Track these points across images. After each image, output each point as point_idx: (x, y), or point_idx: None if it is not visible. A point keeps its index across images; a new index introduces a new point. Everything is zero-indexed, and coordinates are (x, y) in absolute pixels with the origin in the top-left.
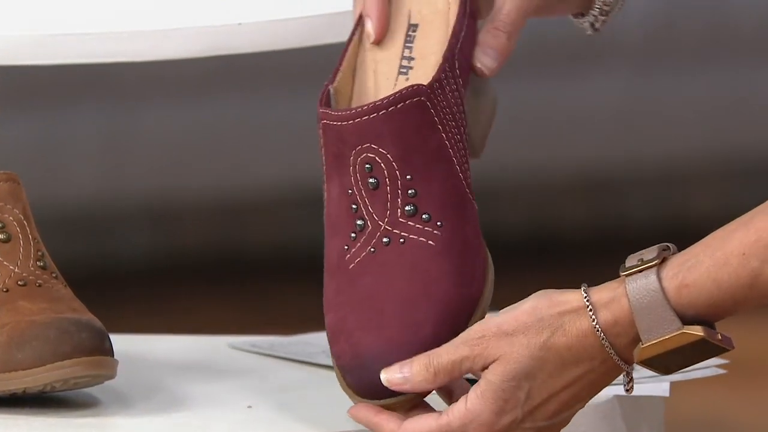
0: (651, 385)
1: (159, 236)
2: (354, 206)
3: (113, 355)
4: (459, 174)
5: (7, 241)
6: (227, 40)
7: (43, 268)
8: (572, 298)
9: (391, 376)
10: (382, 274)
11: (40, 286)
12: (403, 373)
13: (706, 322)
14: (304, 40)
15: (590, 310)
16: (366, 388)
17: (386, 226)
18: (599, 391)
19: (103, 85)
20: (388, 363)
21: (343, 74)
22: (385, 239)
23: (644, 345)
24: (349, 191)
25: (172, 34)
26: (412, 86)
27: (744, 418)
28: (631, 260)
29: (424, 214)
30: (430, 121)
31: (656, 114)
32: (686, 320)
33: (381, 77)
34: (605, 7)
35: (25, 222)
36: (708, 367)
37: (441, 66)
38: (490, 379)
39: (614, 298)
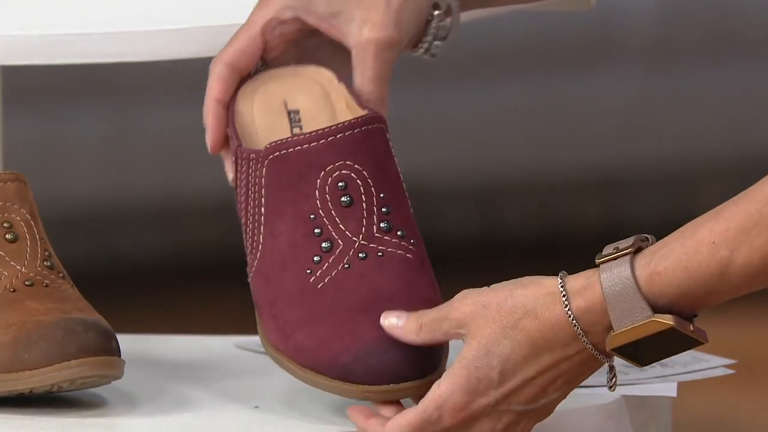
0: (658, 385)
1: (164, 236)
2: (317, 230)
3: (120, 356)
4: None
5: (14, 241)
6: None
7: (50, 268)
8: (548, 283)
9: (389, 320)
10: (363, 281)
11: (47, 286)
12: (400, 320)
13: (680, 312)
14: None
15: (564, 296)
16: (375, 372)
17: (361, 242)
18: (579, 382)
19: (109, 85)
20: (393, 342)
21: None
22: (361, 254)
23: (615, 332)
24: (311, 216)
25: (176, 34)
26: (374, 112)
27: (752, 418)
28: (608, 249)
29: (399, 230)
30: (388, 147)
31: (666, 112)
32: (658, 309)
33: None
34: (440, 32)
35: (32, 222)
36: (716, 367)
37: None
38: (464, 354)
39: (588, 285)
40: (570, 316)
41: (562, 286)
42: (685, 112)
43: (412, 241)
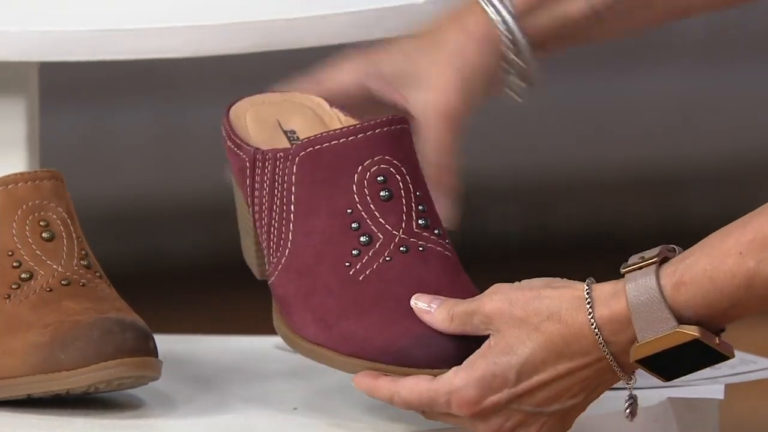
0: (705, 387)
1: (209, 234)
2: (355, 224)
3: (157, 356)
4: None
5: (50, 239)
6: (278, 35)
7: (87, 267)
8: (576, 288)
9: (420, 302)
10: (408, 274)
11: (83, 285)
12: (431, 305)
13: (706, 325)
14: (354, 36)
15: (588, 303)
16: (435, 355)
17: (402, 236)
18: (595, 395)
19: (153, 81)
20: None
21: None
22: (402, 248)
23: (639, 343)
24: (348, 210)
25: (223, 29)
26: (398, 114)
27: None
28: (634, 258)
29: (435, 229)
30: (414, 149)
31: (718, 109)
32: (683, 320)
33: None
34: (513, 86)
35: (68, 220)
36: (764, 369)
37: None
38: (487, 348)
39: (613, 294)
40: (593, 324)
41: (588, 293)
42: (739, 108)
43: (447, 241)
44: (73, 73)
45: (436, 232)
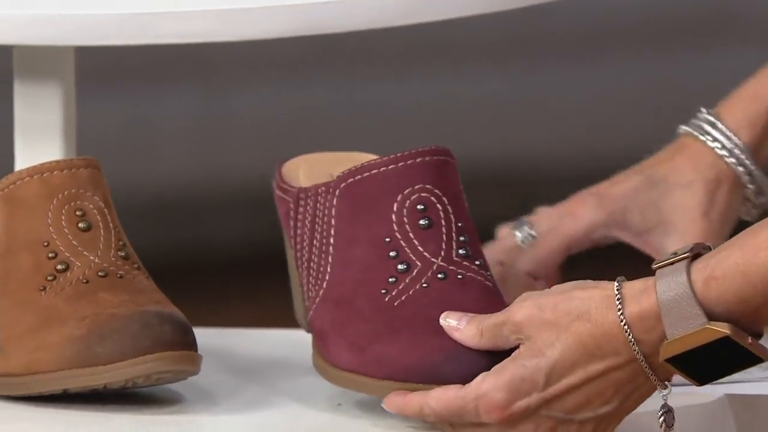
0: (765, 383)
1: (251, 224)
2: (393, 252)
3: (197, 350)
4: None
5: (87, 230)
6: (321, 19)
7: (125, 258)
8: (606, 287)
9: (450, 320)
10: (444, 298)
11: (121, 277)
12: (461, 322)
13: (739, 324)
14: (398, 20)
15: (619, 300)
16: (466, 371)
17: (440, 263)
18: (630, 405)
19: (194, 65)
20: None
21: None
22: (440, 275)
23: (668, 341)
24: (387, 239)
25: (262, 12)
26: (441, 146)
27: None
28: (667, 254)
29: (477, 260)
30: (461, 186)
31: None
32: (714, 317)
33: None
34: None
35: (105, 210)
36: None
37: None
38: (516, 353)
39: (643, 291)
40: (623, 322)
41: (618, 290)
42: None
43: (489, 273)
44: (110, 58)
45: (477, 263)
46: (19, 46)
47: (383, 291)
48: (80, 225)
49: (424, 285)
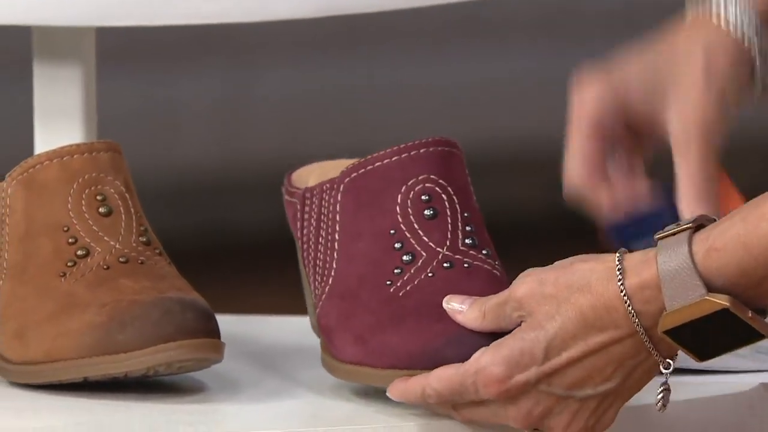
0: None
1: (276, 208)
2: (398, 244)
3: (220, 337)
4: None
5: (107, 214)
6: None
7: (146, 243)
8: (607, 259)
9: (451, 304)
10: (449, 286)
11: (142, 263)
12: (463, 305)
13: (741, 297)
14: (424, 0)
15: (619, 271)
16: (470, 353)
17: (446, 252)
18: (632, 384)
19: (217, 45)
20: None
21: None
22: (445, 264)
23: (667, 312)
24: (391, 231)
25: None
26: (446, 137)
27: None
28: (671, 226)
29: (484, 249)
30: (468, 178)
31: None
32: (715, 289)
33: None
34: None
35: (126, 194)
36: None
37: None
38: (514, 330)
39: (644, 262)
40: (623, 293)
41: (619, 261)
42: None
43: (497, 262)
44: (131, 38)
45: (484, 252)
46: (38, 27)
47: (388, 282)
48: (101, 210)
49: (430, 274)
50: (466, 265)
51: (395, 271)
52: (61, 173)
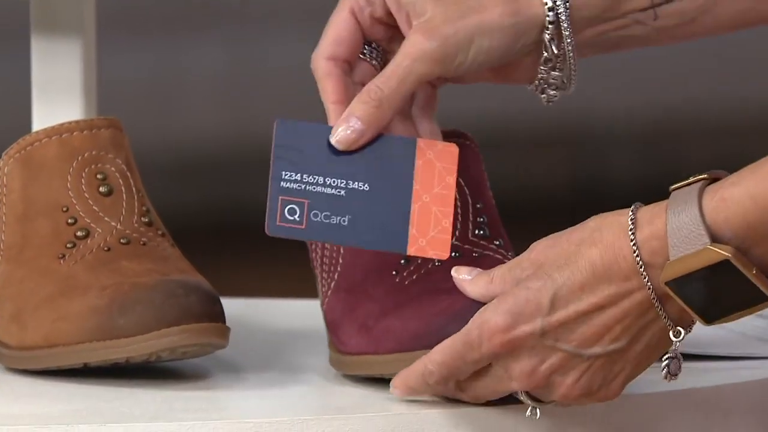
0: None
1: None
2: None
3: (225, 322)
4: None
5: (108, 194)
6: None
7: (149, 224)
8: (621, 213)
9: (461, 274)
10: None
11: (144, 244)
12: (471, 273)
13: (749, 253)
14: None
15: (632, 221)
16: None
17: (455, 243)
18: (641, 348)
19: (223, 13)
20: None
21: None
22: (454, 254)
23: (669, 261)
24: None
25: None
26: (456, 129)
27: None
28: (687, 178)
29: (496, 240)
30: (482, 170)
31: None
32: (720, 241)
33: None
34: (551, 79)
35: (128, 173)
36: None
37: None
38: (520, 276)
39: (657, 214)
40: (633, 243)
41: (632, 213)
42: None
43: (510, 254)
44: (133, 8)
45: (496, 242)
46: None
47: (394, 273)
48: (101, 189)
49: (437, 263)
50: (475, 255)
51: (401, 261)
52: (60, 151)
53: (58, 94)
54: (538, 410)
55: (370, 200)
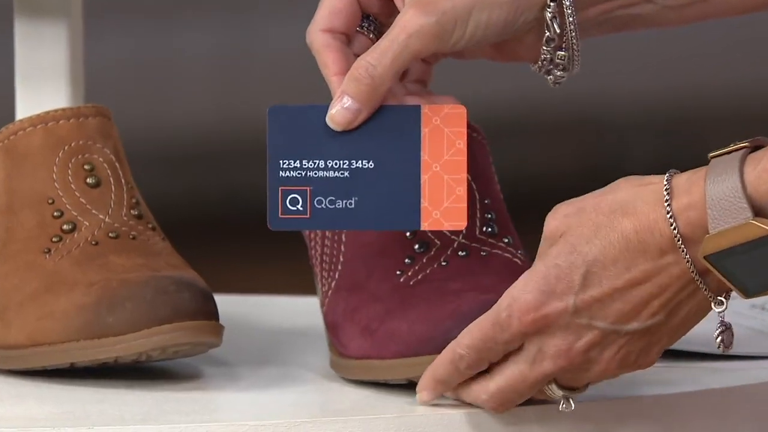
0: None
1: None
2: (409, 234)
3: (218, 320)
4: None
5: (96, 186)
6: None
7: (138, 217)
8: (654, 180)
9: None
10: (464, 274)
11: (134, 238)
12: None
13: None
14: None
15: (667, 191)
16: None
17: (462, 240)
18: (680, 322)
19: None
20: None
21: None
22: (461, 252)
23: (709, 235)
24: None
25: None
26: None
27: None
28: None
29: (505, 237)
30: (489, 163)
31: None
32: (763, 214)
33: None
34: (556, 59)
35: (117, 163)
36: None
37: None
38: (547, 252)
39: (693, 182)
40: (669, 215)
41: (667, 182)
42: None
43: (520, 252)
44: None
45: (505, 240)
46: None
47: (398, 272)
48: (89, 180)
49: (443, 263)
50: (483, 254)
51: (406, 260)
52: (45, 140)
53: (43, 81)
54: (571, 401)
55: (376, 178)
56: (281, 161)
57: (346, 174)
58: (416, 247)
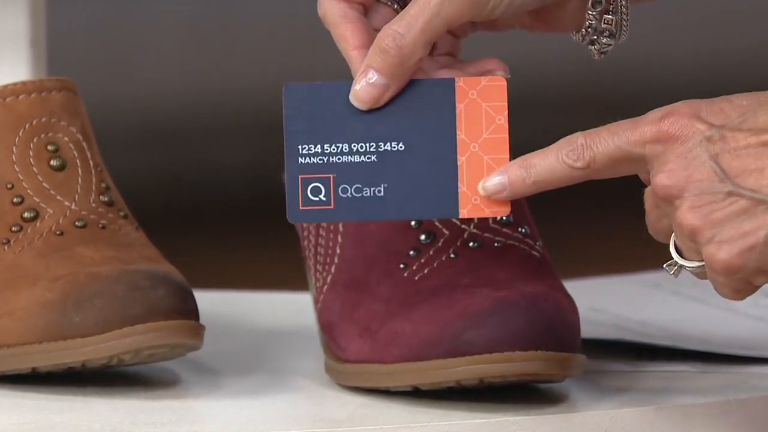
0: None
1: (267, 155)
2: (414, 223)
3: (198, 319)
4: None
5: (60, 168)
6: None
7: (109, 204)
8: None
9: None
10: (475, 267)
11: (104, 227)
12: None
13: None
14: None
15: None
16: (498, 337)
17: (473, 230)
18: None
19: None
20: (527, 303)
21: None
22: (472, 243)
23: None
24: None
25: None
26: None
27: None
28: None
29: (521, 227)
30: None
31: None
32: None
33: None
34: (603, 26)
35: (84, 144)
36: None
37: None
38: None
39: None
40: None
41: None
42: None
43: (538, 243)
44: None
45: (521, 230)
46: None
47: (402, 266)
48: (52, 163)
49: (452, 256)
50: (497, 244)
51: (410, 252)
52: (4, 118)
53: (1, 51)
54: (683, 268)
55: (407, 161)
56: (300, 146)
57: (374, 158)
58: (422, 237)
